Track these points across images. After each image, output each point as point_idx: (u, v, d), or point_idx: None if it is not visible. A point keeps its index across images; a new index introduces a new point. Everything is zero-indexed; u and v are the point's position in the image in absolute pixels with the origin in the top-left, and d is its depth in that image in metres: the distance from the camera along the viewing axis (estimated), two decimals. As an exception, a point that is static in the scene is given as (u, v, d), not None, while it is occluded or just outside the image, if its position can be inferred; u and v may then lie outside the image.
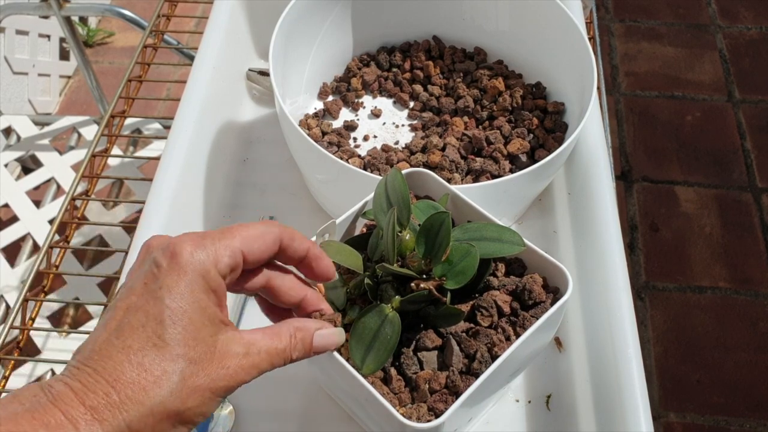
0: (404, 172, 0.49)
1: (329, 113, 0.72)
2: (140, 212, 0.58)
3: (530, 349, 0.45)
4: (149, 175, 0.82)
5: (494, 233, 0.44)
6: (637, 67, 1.81)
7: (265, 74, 0.76)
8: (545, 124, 0.68)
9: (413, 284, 0.42)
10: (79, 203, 0.74)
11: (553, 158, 0.56)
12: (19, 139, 1.21)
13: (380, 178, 0.48)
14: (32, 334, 0.99)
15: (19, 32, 1.57)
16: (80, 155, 1.19)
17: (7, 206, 1.12)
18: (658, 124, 1.69)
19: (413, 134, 0.70)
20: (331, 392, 0.52)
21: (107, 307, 0.34)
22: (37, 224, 1.10)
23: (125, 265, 0.55)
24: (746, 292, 1.40)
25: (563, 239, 0.63)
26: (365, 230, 0.50)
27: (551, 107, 0.68)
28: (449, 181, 0.62)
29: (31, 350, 1.01)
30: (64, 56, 1.77)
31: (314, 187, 0.66)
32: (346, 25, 0.73)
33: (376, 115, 0.72)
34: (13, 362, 0.65)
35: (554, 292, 0.45)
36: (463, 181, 0.64)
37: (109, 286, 1.11)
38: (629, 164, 1.61)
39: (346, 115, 0.73)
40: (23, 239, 1.09)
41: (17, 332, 0.65)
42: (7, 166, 1.17)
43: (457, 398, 0.40)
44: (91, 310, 1.09)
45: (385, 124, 0.72)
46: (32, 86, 1.64)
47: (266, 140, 0.73)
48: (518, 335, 0.43)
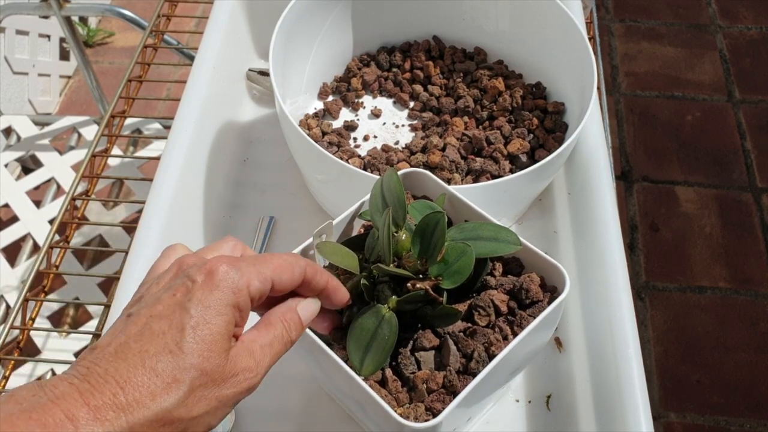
0: (401, 172, 0.49)
1: (329, 113, 0.72)
2: (140, 212, 0.58)
3: (528, 348, 0.45)
4: (149, 175, 0.82)
5: (491, 233, 0.44)
6: (637, 67, 1.81)
7: (265, 74, 0.76)
8: (545, 124, 0.68)
9: (409, 284, 0.42)
10: (79, 203, 0.74)
11: (553, 158, 0.56)
12: (19, 139, 1.21)
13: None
14: (32, 334, 0.99)
15: (19, 32, 1.57)
16: (80, 155, 1.19)
17: (7, 206, 1.12)
18: (658, 124, 1.69)
19: (413, 134, 0.70)
20: (330, 392, 0.52)
21: (126, 311, 0.34)
22: (37, 224, 1.10)
23: (125, 265, 0.55)
24: (746, 292, 1.40)
25: (563, 239, 0.63)
26: (362, 231, 0.50)
27: (551, 107, 0.68)
28: (449, 181, 0.62)
29: (31, 350, 1.01)
30: (64, 56, 1.77)
31: (314, 187, 0.66)
32: (346, 25, 0.73)
33: (376, 115, 0.72)
34: (13, 362, 0.65)
35: (552, 291, 0.45)
36: (463, 181, 0.64)
37: (109, 286, 1.11)
38: (629, 164, 1.61)
39: (346, 115, 0.73)
40: (23, 239, 1.09)
41: (17, 332, 0.65)
42: (7, 166, 1.17)
43: (454, 398, 0.40)
44: (91, 310, 1.09)
45: (385, 124, 0.72)
46: (32, 86, 1.65)
47: (266, 140, 0.73)
48: (516, 334, 0.43)
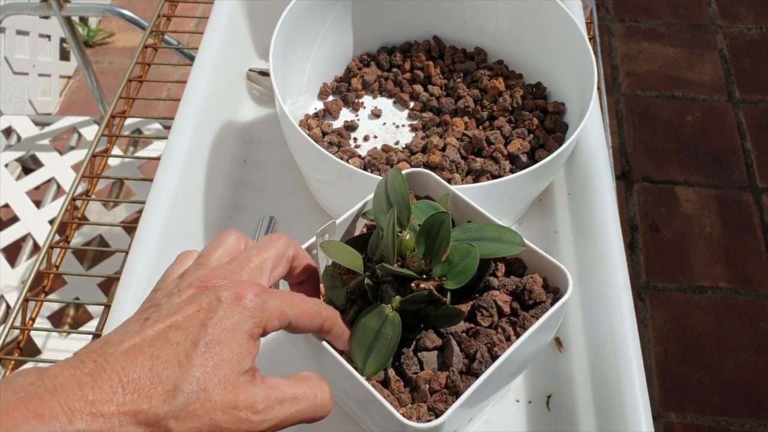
0: (404, 172, 0.49)
1: (329, 113, 0.72)
2: (140, 212, 0.58)
3: (530, 349, 0.45)
4: (149, 175, 0.82)
5: (494, 233, 0.44)
6: (637, 67, 1.81)
7: (265, 74, 0.76)
8: (545, 124, 0.68)
9: (413, 284, 0.42)
10: (79, 203, 0.74)
11: (553, 158, 0.56)
12: (19, 139, 1.21)
13: (380, 178, 0.48)
14: (32, 334, 0.99)
15: (19, 32, 1.57)
16: (80, 155, 1.19)
17: (7, 206, 1.12)
18: (658, 124, 1.69)
19: (413, 134, 0.70)
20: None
21: (143, 315, 0.34)
22: (37, 224, 1.10)
23: (125, 265, 0.55)
24: (746, 292, 1.40)
25: (563, 239, 0.63)
26: (365, 230, 0.50)
27: (551, 107, 0.68)
28: (449, 181, 0.62)
29: (31, 350, 1.01)
30: (64, 56, 1.78)
31: (314, 187, 0.66)
32: (346, 25, 0.73)
33: (376, 115, 0.72)
34: (13, 362, 0.65)
35: (554, 292, 0.45)
36: (463, 181, 0.64)
37: (109, 286, 1.12)
38: (629, 164, 1.61)
39: (346, 115, 0.73)
40: (23, 239, 1.09)
41: (17, 332, 0.65)
42: (7, 166, 1.17)
43: (457, 398, 0.40)
44: (91, 310, 1.09)
45: (385, 124, 0.72)
46: (32, 86, 1.65)
47: (266, 140, 0.73)
48: (518, 335, 0.43)
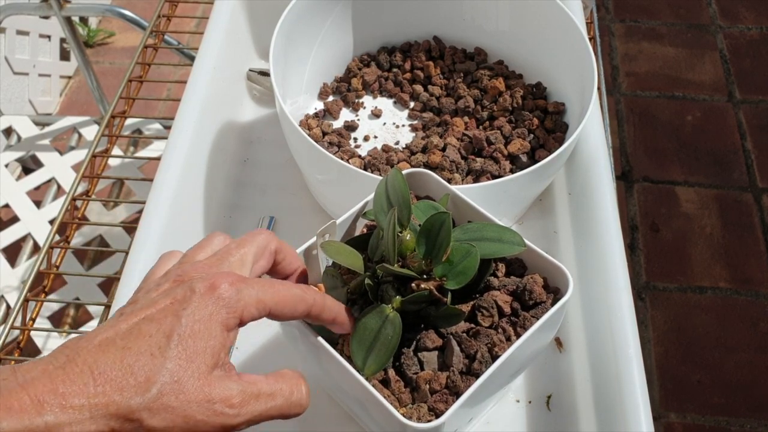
0: (404, 172, 0.49)
1: (330, 113, 0.72)
2: (140, 212, 0.58)
3: (531, 349, 0.44)
4: (150, 175, 0.82)
5: (495, 233, 0.44)
6: (637, 67, 1.81)
7: (265, 74, 0.76)
8: (545, 124, 0.68)
9: (414, 284, 0.42)
10: (79, 203, 0.74)
11: (553, 158, 0.56)
12: (19, 139, 1.21)
13: (380, 178, 0.48)
14: (33, 334, 0.99)
15: (19, 32, 1.57)
16: (81, 155, 1.19)
17: (7, 206, 1.12)
18: (658, 124, 1.69)
19: (413, 134, 0.70)
20: (331, 392, 0.52)
21: (119, 311, 0.34)
22: (37, 224, 1.10)
23: (126, 265, 0.55)
24: (747, 292, 1.40)
25: (564, 239, 0.63)
26: (365, 230, 0.50)
27: (552, 107, 0.68)
28: (450, 181, 0.62)
29: (31, 350, 1.01)
30: (64, 56, 1.78)
31: (314, 187, 0.66)
32: (346, 25, 0.73)
33: (376, 115, 0.72)
34: (13, 362, 0.64)
35: (555, 292, 0.45)
36: (463, 181, 0.63)
37: (109, 286, 1.12)
38: (630, 164, 1.61)
39: (346, 115, 0.73)
40: (24, 239, 1.09)
41: (18, 332, 0.65)
42: (7, 166, 1.17)
43: (457, 398, 0.40)
44: (91, 310, 1.09)
45: (385, 124, 0.72)
46: (33, 86, 1.65)
47: (267, 140, 0.73)
48: (519, 335, 0.43)
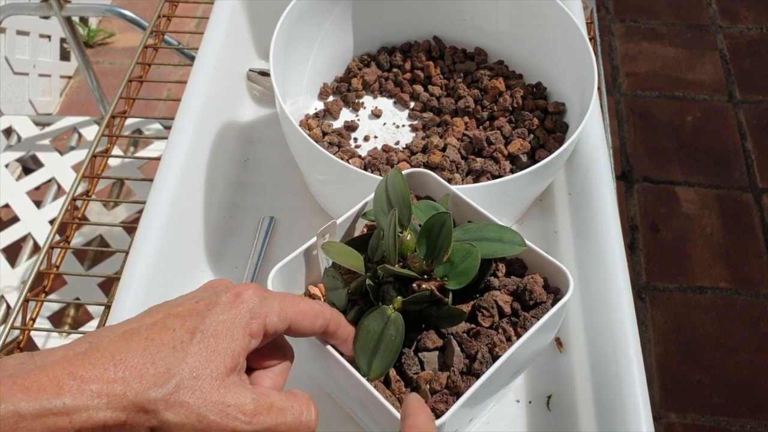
0: (405, 172, 0.49)
1: (330, 113, 0.72)
2: (141, 212, 0.58)
3: (531, 349, 0.44)
4: (150, 175, 0.82)
5: (495, 233, 0.44)
6: (637, 67, 1.81)
7: (265, 74, 0.76)
8: (546, 124, 0.68)
9: (415, 285, 0.42)
10: (79, 203, 0.74)
11: (553, 158, 0.56)
12: (19, 139, 1.21)
13: (381, 178, 0.48)
14: (33, 334, 0.99)
15: (19, 33, 1.57)
16: (81, 155, 1.19)
17: (7, 206, 1.12)
18: (658, 124, 1.69)
19: (414, 134, 0.70)
20: (331, 392, 0.52)
21: (147, 310, 0.34)
22: (37, 224, 1.10)
23: (126, 265, 0.55)
24: (747, 292, 1.40)
25: (564, 239, 0.63)
26: (365, 231, 0.50)
27: (552, 107, 0.68)
28: (450, 181, 0.62)
29: (31, 350, 1.00)
30: (64, 57, 1.78)
31: (315, 187, 0.66)
32: (346, 25, 0.73)
33: (376, 115, 0.72)
34: (13, 362, 0.64)
35: (555, 292, 0.45)
36: (463, 181, 0.63)
37: (109, 286, 1.11)
38: (630, 164, 1.61)
39: (346, 115, 0.73)
40: (24, 239, 1.09)
41: (18, 332, 0.65)
42: (7, 166, 1.17)
43: (458, 399, 0.40)
44: (91, 310, 1.09)
45: (385, 124, 0.72)
46: (33, 87, 1.65)
47: (267, 140, 0.73)
48: (519, 336, 0.43)
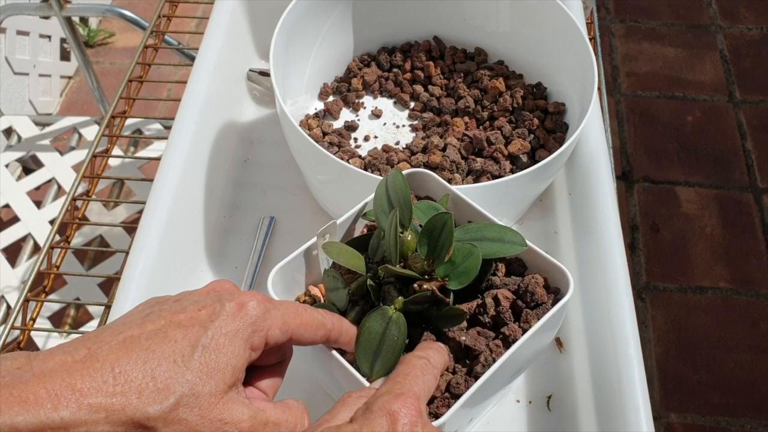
0: (405, 172, 0.49)
1: (330, 113, 0.72)
2: (141, 213, 0.58)
3: (531, 349, 0.44)
4: (150, 175, 0.82)
5: (496, 233, 0.44)
6: (637, 67, 1.81)
7: (265, 75, 0.76)
8: (546, 124, 0.68)
9: (416, 285, 0.42)
10: (79, 204, 0.74)
11: (553, 159, 0.56)
12: (19, 139, 1.21)
13: (381, 178, 0.48)
14: (33, 334, 0.99)
15: (19, 33, 1.57)
16: (81, 156, 1.19)
17: (7, 207, 1.12)
18: (658, 124, 1.69)
19: (414, 134, 0.70)
20: (331, 392, 0.52)
21: (147, 308, 0.34)
22: (37, 225, 1.10)
23: (126, 265, 0.55)
24: (747, 292, 1.40)
25: (564, 240, 0.63)
26: (366, 231, 0.50)
27: (552, 108, 0.68)
28: (450, 181, 0.62)
29: (31, 351, 1.00)
30: (64, 57, 1.78)
31: (315, 187, 0.66)
32: (346, 25, 0.73)
33: (376, 115, 0.72)
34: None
35: (555, 292, 0.45)
36: (463, 181, 0.63)
37: (109, 286, 1.11)
38: (630, 165, 1.61)
39: (346, 115, 0.73)
40: (24, 239, 1.09)
41: (18, 333, 0.65)
42: (8, 166, 1.17)
43: (457, 399, 0.40)
44: (91, 310, 1.09)
45: (385, 124, 0.72)
46: (33, 87, 1.65)
47: (267, 141, 0.73)
48: (519, 336, 0.43)
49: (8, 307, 1.02)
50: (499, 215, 0.48)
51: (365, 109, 0.73)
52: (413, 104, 0.73)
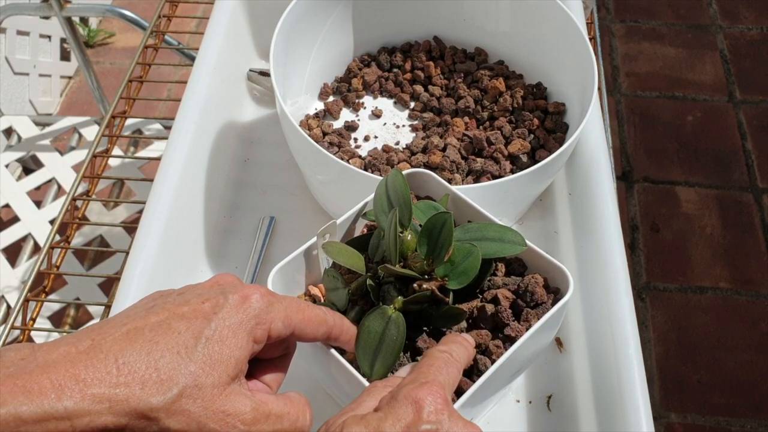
0: (405, 172, 0.49)
1: (330, 114, 0.72)
2: (141, 213, 0.58)
3: (531, 349, 0.44)
4: (150, 175, 0.82)
5: (496, 233, 0.44)
6: (637, 67, 1.81)
7: (265, 75, 0.76)
8: (546, 124, 0.68)
9: (416, 285, 0.42)
10: (79, 203, 0.74)
11: (553, 159, 0.56)
12: (20, 139, 1.21)
13: (381, 178, 0.48)
14: (33, 334, 0.98)
15: (20, 33, 1.57)
16: (81, 156, 1.19)
17: (8, 207, 1.12)
18: (658, 124, 1.69)
19: (414, 135, 0.70)
20: (331, 392, 0.52)
21: (150, 301, 0.34)
22: (37, 225, 1.10)
23: (126, 265, 0.55)
24: (747, 292, 1.40)
25: (564, 240, 0.63)
26: (365, 231, 0.50)
27: (552, 108, 0.68)
28: (450, 181, 0.62)
29: (32, 350, 1.00)
30: (64, 57, 1.78)
31: (315, 187, 0.66)
32: (347, 25, 0.73)
33: (376, 115, 0.72)
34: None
35: (555, 292, 0.45)
36: (463, 181, 0.63)
37: (109, 286, 1.11)
38: (630, 165, 1.61)
39: (346, 115, 0.73)
40: (24, 239, 1.09)
41: (18, 332, 0.65)
42: (8, 166, 1.17)
43: (458, 399, 0.40)
44: (91, 310, 1.09)
45: (385, 124, 0.72)
46: (33, 87, 1.65)
47: (267, 141, 0.73)
48: (519, 336, 0.43)
49: (8, 307, 1.02)
50: (499, 215, 0.48)
51: (365, 109, 0.73)
52: (413, 104, 0.73)
